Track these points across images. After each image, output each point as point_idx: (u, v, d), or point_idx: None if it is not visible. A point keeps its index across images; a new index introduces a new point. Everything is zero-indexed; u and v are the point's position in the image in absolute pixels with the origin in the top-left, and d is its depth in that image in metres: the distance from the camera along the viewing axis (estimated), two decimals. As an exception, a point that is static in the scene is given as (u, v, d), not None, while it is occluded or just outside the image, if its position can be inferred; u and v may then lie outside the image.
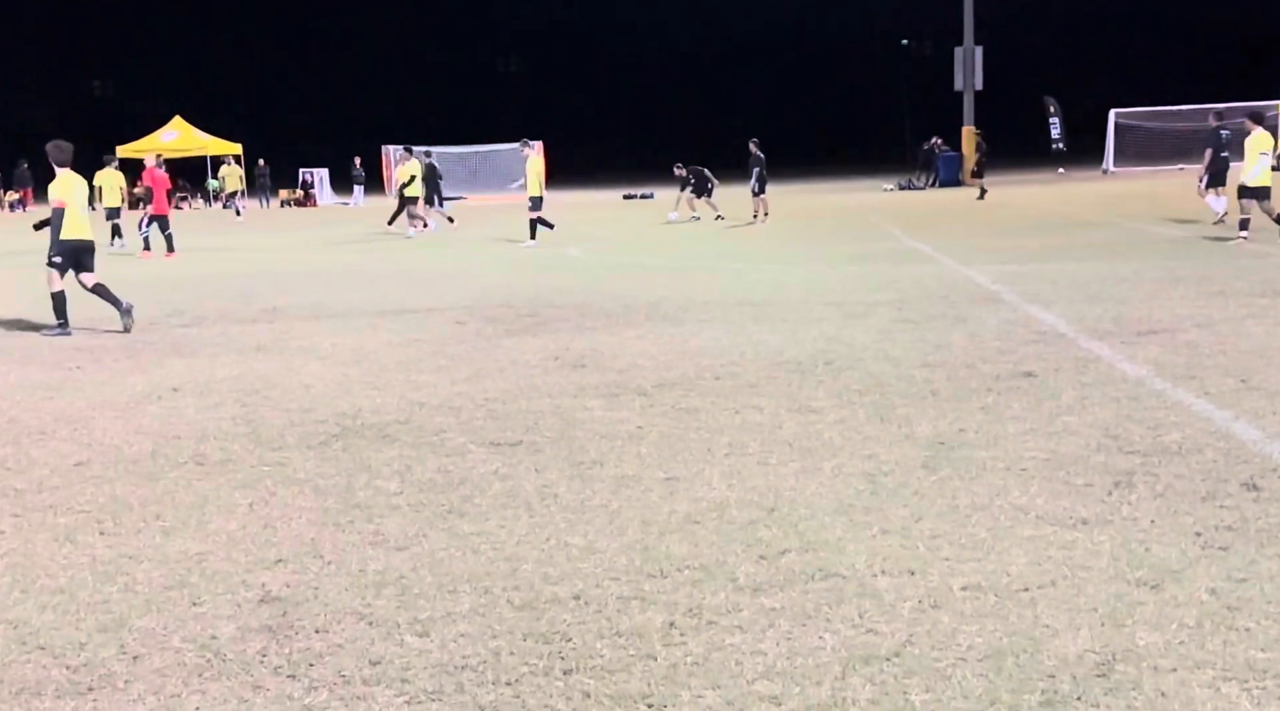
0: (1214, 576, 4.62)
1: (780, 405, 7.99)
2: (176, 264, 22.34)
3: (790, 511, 5.65)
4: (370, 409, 8.29)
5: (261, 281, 17.81)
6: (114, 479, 6.65)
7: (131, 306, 12.79)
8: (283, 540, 5.49)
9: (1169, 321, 10.93)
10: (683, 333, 11.33)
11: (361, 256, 22.52)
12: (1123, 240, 20.26)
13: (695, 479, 6.28)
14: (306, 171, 56.11)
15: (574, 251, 22.02)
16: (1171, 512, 5.43)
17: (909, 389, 8.38)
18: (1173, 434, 6.83)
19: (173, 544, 5.48)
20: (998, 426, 7.16)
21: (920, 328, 11.12)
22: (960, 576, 4.71)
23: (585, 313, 12.95)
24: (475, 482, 6.34)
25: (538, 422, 7.71)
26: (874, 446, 6.81)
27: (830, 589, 4.64)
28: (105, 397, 9.02)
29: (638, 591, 4.69)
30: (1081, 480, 5.99)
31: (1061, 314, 11.62)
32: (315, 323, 12.95)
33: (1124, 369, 8.78)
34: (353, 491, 6.26)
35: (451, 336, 11.61)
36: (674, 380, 8.98)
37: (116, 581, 5.00)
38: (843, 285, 14.91)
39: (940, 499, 5.76)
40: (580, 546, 5.26)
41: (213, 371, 10.02)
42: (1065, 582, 4.61)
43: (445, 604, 4.63)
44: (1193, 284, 13.61)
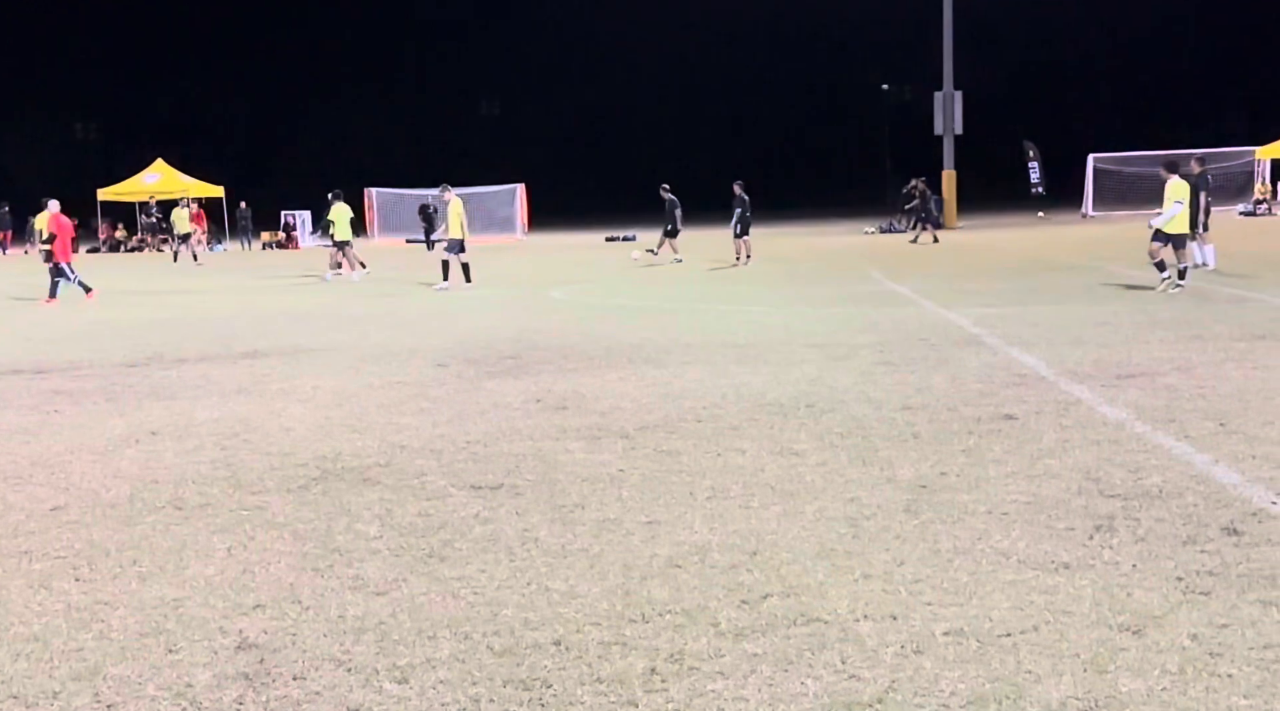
0: (1196, 622, 4.61)
1: (762, 448, 7.99)
2: (155, 305, 22.25)
3: (772, 555, 5.63)
4: (351, 452, 8.25)
5: (242, 323, 17.77)
6: (91, 524, 6.59)
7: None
8: (261, 585, 5.44)
9: (1148, 365, 10.98)
10: (665, 375, 11.33)
11: (342, 298, 22.49)
12: (1102, 284, 20.38)
13: (677, 522, 6.26)
14: (288, 213, 56.08)
15: (556, 294, 22.04)
16: (1153, 557, 5.43)
17: (891, 431, 8.38)
18: (1153, 477, 6.84)
19: (149, 589, 5.43)
20: (979, 469, 7.16)
21: (902, 370, 11.15)
22: (942, 621, 4.70)
23: (567, 355, 12.94)
24: (456, 526, 6.31)
25: (519, 465, 7.68)
26: (856, 489, 6.81)
27: (812, 634, 4.61)
28: (83, 441, 8.96)
29: (619, 636, 4.66)
30: (1063, 524, 5.98)
31: (1042, 357, 11.66)
32: (296, 365, 12.91)
33: (1104, 412, 8.81)
34: (332, 535, 6.22)
35: (433, 379, 11.59)
36: (656, 422, 8.97)
37: (91, 628, 4.95)
38: (824, 327, 14.95)
39: (922, 543, 5.75)
40: (561, 591, 5.23)
41: (192, 414, 9.97)
42: (1047, 628, 4.60)
43: (425, 650, 4.59)
44: (1171, 327, 13.69)
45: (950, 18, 49.84)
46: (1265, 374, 10.20)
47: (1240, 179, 52.95)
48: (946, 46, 50.08)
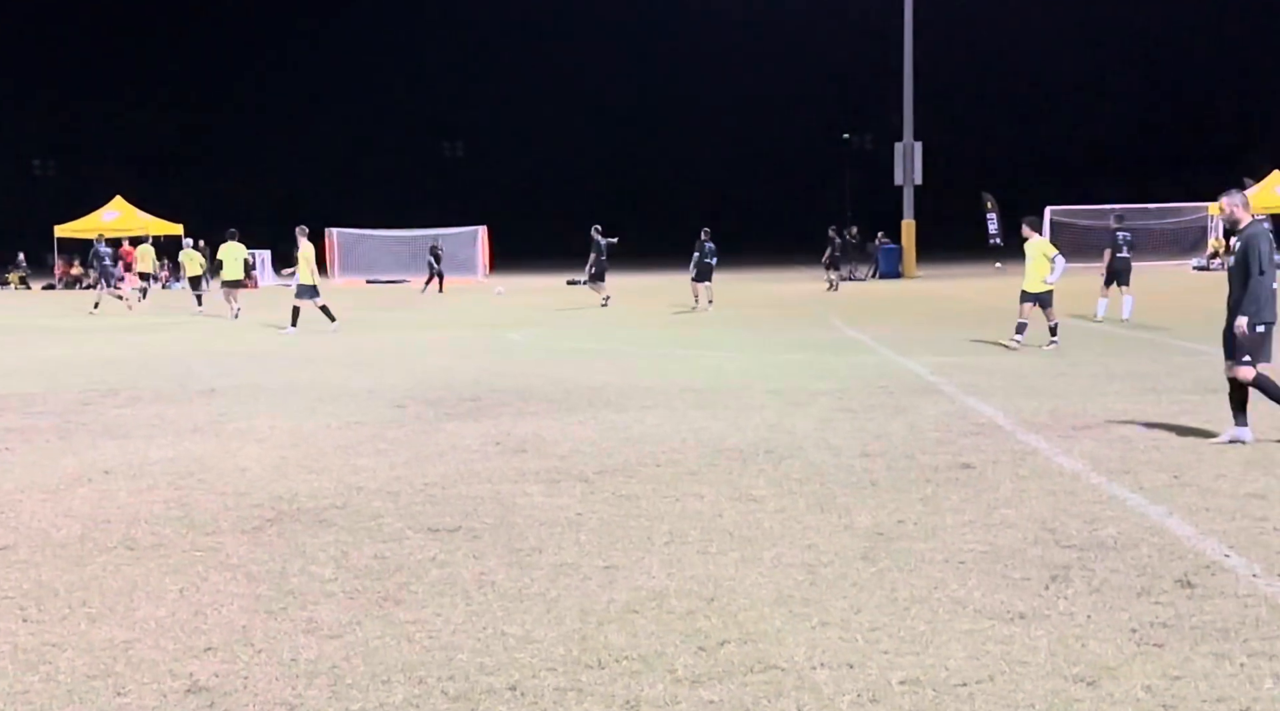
0: (1149, 673, 4.64)
1: (721, 493, 7.99)
2: (112, 342, 22.05)
3: (730, 601, 5.62)
4: (307, 493, 8.19)
5: (198, 362, 17.63)
6: (40, 563, 6.49)
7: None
8: (213, 627, 5.38)
9: (1104, 416, 11.08)
10: (625, 419, 11.32)
11: (300, 337, 22.37)
12: (1060, 335, 20.55)
13: (635, 567, 6.24)
14: (249, 252, 55.81)
15: (516, 336, 22.02)
16: (1107, 608, 5.46)
17: (849, 478, 8.40)
18: (1108, 528, 6.88)
19: (98, 631, 5.35)
20: (936, 518, 7.19)
21: (860, 417, 11.19)
22: (899, 670, 4.70)
23: (527, 397, 12.92)
24: (412, 569, 6.26)
25: (476, 508, 7.64)
26: (814, 536, 6.81)
27: (769, 681, 4.60)
28: (34, 479, 8.84)
29: (575, 682, 4.63)
30: (1019, 573, 6.01)
31: (999, 406, 11.74)
32: (253, 404, 12.81)
33: (1060, 462, 8.87)
34: (286, 577, 6.15)
35: (391, 420, 11.52)
36: (615, 466, 8.95)
37: (38, 670, 4.87)
38: (784, 373, 15.00)
39: (879, 591, 5.76)
40: (517, 635, 5.19)
41: (146, 453, 9.86)
42: (1003, 678, 4.61)
43: (378, 694, 4.55)
44: (1127, 380, 13.83)
45: (910, 69, 50.48)
46: (1218, 427, 10.30)
47: (1194, 234, 53.74)
48: (907, 97, 50.68)
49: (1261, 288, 9.47)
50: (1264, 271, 9.44)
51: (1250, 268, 9.48)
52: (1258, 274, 9.45)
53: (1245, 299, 9.49)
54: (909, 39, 50.29)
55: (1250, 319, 9.45)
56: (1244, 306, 9.49)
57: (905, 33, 50.30)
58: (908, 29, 50.16)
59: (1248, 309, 9.47)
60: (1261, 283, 9.46)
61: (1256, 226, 9.72)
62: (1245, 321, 9.45)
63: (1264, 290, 9.47)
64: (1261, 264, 9.47)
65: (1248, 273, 9.50)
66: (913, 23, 50.16)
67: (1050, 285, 17.91)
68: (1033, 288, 17.95)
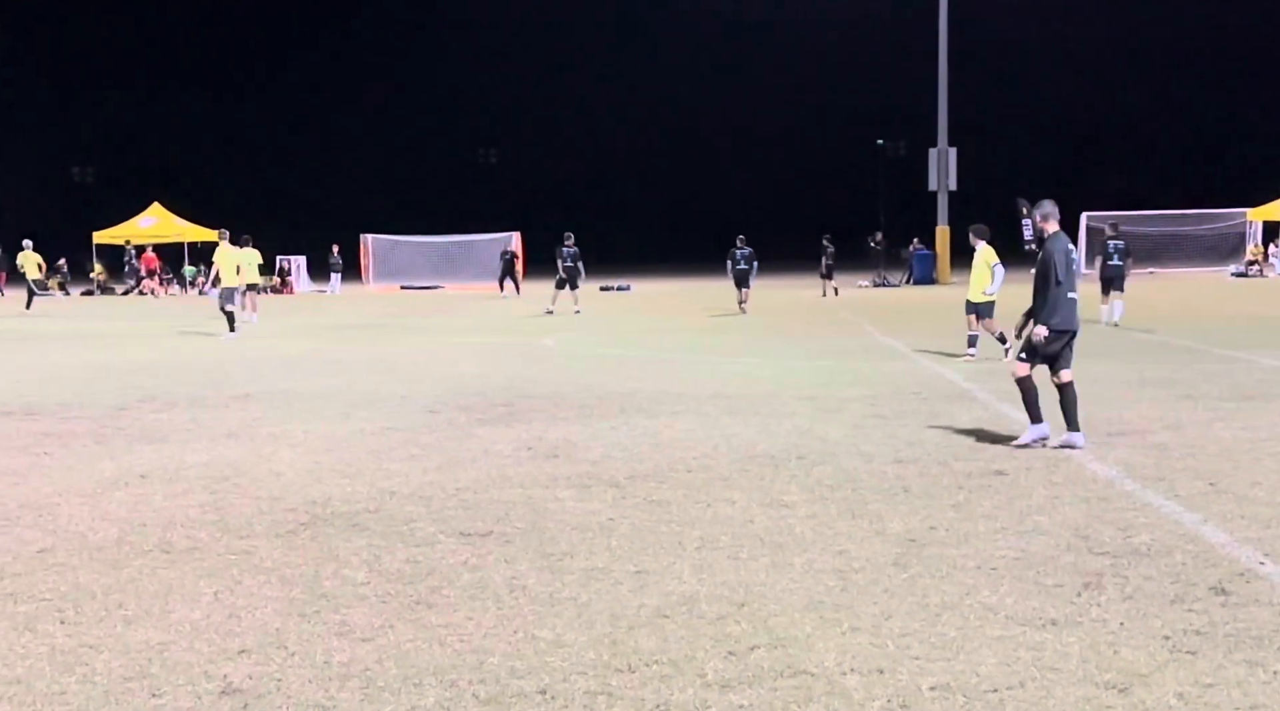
0: (1182, 681, 4.61)
1: (752, 499, 7.99)
2: (148, 350, 22.24)
3: (760, 607, 5.63)
4: (340, 497, 8.24)
5: (234, 367, 17.76)
6: (77, 566, 6.57)
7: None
8: (247, 630, 5.43)
9: (1138, 423, 11.01)
10: (656, 425, 11.33)
11: (335, 343, 22.50)
12: (1093, 341, 20.43)
13: (665, 572, 6.25)
14: (284, 258, 56.20)
15: (549, 342, 22.07)
16: (1140, 615, 5.43)
17: (881, 485, 8.39)
18: (1142, 535, 6.85)
19: (134, 633, 5.41)
20: (969, 524, 7.17)
21: (892, 424, 11.16)
22: (929, 676, 4.69)
23: (559, 403, 12.95)
24: (444, 573, 6.30)
25: (508, 513, 7.68)
26: (845, 542, 6.81)
27: (799, 686, 4.60)
28: (72, 484, 8.94)
29: (605, 686, 4.65)
30: (1051, 580, 5.99)
31: (1033, 413, 11.65)
32: (287, 409, 12.90)
33: (1094, 469, 8.83)
34: (320, 581, 6.20)
35: (424, 425, 11.58)
36: (646, 472, 8.97)
37: (75, 672, 4.93)
38: (816, 380, 14.97)
39: (910, 597, 5.75)
40: (548, 639, 5.21)
41: (182, 458, 9.95)
42: (1034, 684, 4.59)
43: (410, 697, 4.58)
44: (1161, 386, 13.73)
45: (945, 74, 50.29)
46: (1253, 434, 10.23)
47: (1233, 240, 53.28)
48: (941, 103, 50.48)
49: (1060, 297, 9.79)
50: (1062, 281, 9.80)
51: (1050, 278, 9.82)
52: (1055, 284, 9.79)
53: (1045, 308, 9.81)
54: (944, 44, 50.09)
55: (1051, 327, 9.76)
56: (1043, 315, 9.81)
57: (940, 37, 50.11)
58: (942, 34, 49.97)
59: (1048, 318, 9.78)
60: (1058, 293, 9.79)
61: (1057, 239, 10.07)
62: (1044, 331, 9.77)
63: (1063, 300, 9.81)
64: (1059, 274, 9.78)
65: (1048, 283, 9.83)
66: (947, 27, 49.96)
67: (990, 296, 17.60)
68: (974, 297, 17.71)
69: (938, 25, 50.08)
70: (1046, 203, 10.36)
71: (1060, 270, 9.79)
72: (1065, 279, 9.81)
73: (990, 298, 17.61)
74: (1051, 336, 9.80)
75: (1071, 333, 9.96)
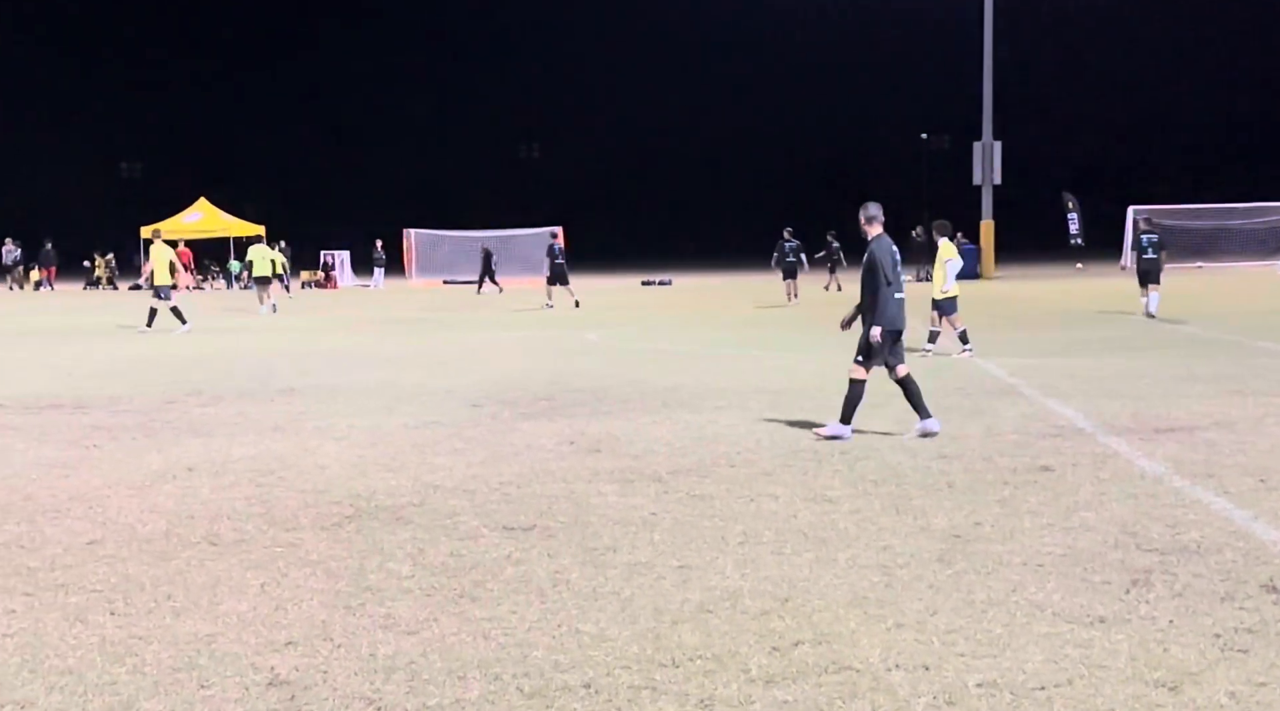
0: (1233, 679, 4.56)
1: (795, 494, 7.97)
2: (196, 342, 22.46)
3: (804, 602, 5.61)
4: (385, 491, 8.29)
5: (280, 361, 17.89)
6: (126, 558, 6.64)
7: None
8: (293, 622, 5.47)
9: (1187, 419, 10.89)
10: (699, 419, 11.32)
11: (379, 338, 22.62)
12: (1140, 336, 20.26)
13: (709, 567, 6.24)
14: (328, 253, 56.60)
15: (592, 336, 22.10)
16: (1190, 613, 5.37)
17: (925, 480, 8.34)
18: (1191, 532, 6.77)
19: (183, 624, 5.46)
20: (1014, 520, 7.12)
21: (936, 419, 11.08)
22: (975, 673, 4.66)
23: (601, 397, 12.96)
24: (487, 567, 6.32)
25: (551, 507, 7.69)
26: (889, 538, 6.77)
27: (843, 682, 4.59)
28: (121, 476, 9.03)
29: (649, 681, 4.65)
30: (1099, 577, 5.93)
31: (1080, 408, 11.58)
32: (332, 403, 12.98)
33: (1142, 465, 8.74)
34: (365, 574, 6.24)
35: (467, 419, 11.62)
36: (689, 467, 8.96)
37: (125, 662, 4.98)
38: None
39: (956, 593, 5.72)
40: (592, 634, 5.22)
41: (229, 451, 10.04)
42: (1082, 682, 4.55)
43: (454, 690, 4.60)
44: (1211, 382, 13.57)
45: (990, 67, 49.90)
46: (1306, 429, 10.09)
47: (1282, 234, 52.55)
48: (986, 96, 50.10)
49: (887, 298, 10.03)
50: (890, 282, 10.07)
51: (877, 279, 10.06)
52: (884, 285, 10.03)
53: (874, 309, 10.07)
54: (989, 36, 49.70)
55: (881, 328, 10.02)
56: (873, 317, 10.06)
57: (985, 30, 49.72)
58: (987, 26, 49.58)
59: (877, 319, 10.03)
60: (887, 293, 10.04)
61: (881, 241, 10.25)
62: (878, 331, 10.01)
63: (890, 300, 10.07)
64: (886, 275, 10.04)
65: (875, 284, 10.06)
66: (993, 20, 49.56)
67: (946, 292, 17.43)
68: (936, 295, 17.59)
69: (983, 17, 49.69)
70: (871, 205, 10.55)
71: (887, 271, 10.06)
72: (893, 280, 10.09)
73: (948, 294, 17.45)
74: (884, 337, 10.07)
75: (898, 331, 10.26)
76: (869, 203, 10.58)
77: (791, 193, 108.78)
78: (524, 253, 52.43)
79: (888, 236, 10.39)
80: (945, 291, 17.39)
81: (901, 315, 10.28)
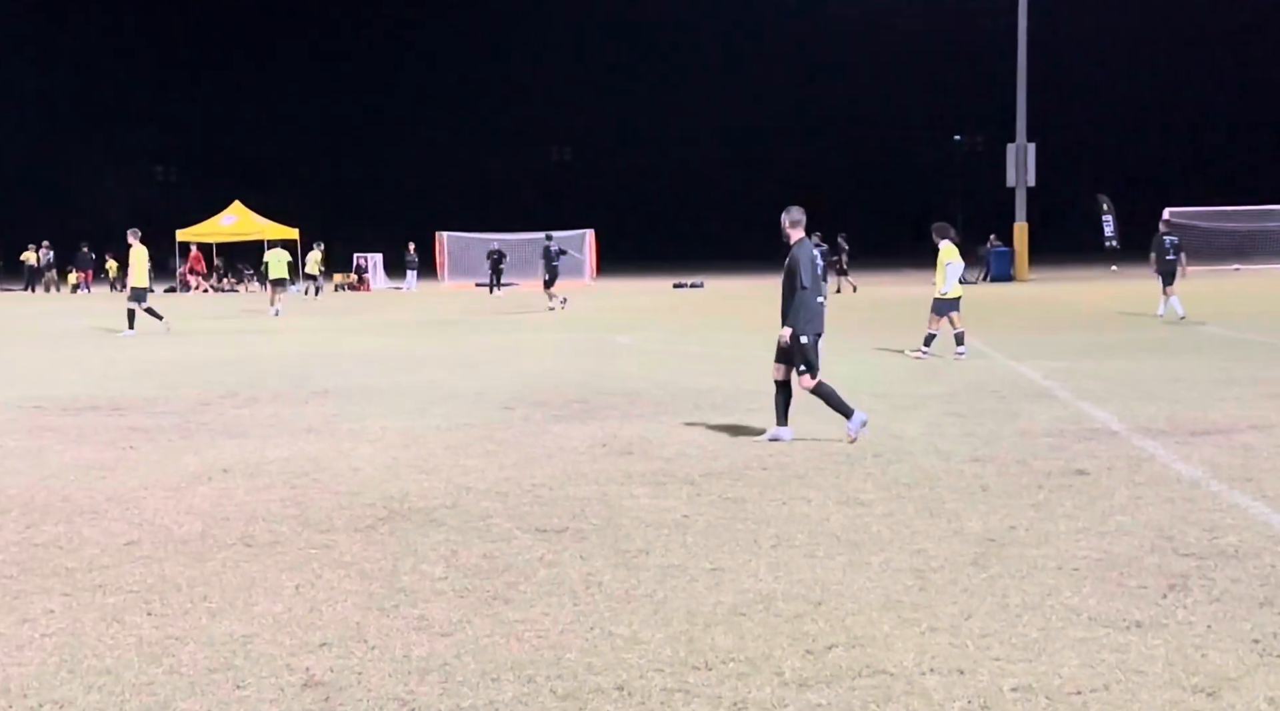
0: (1273, 685, 4.52)
1: (828, 497, 7.95)
2: (230, 344, 22.61)
3: (837, 605, 5.59)
4: (418, 493, 8.32)
5: (314, 363, 17.99)
6: (163, 559, 6.69)
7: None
8: (328, 623, 5.49)
9: (1224, 422, 10.79)
10: (731, 421, 11.31)
11: (412, 340, 22.71)
12: (1176, 338, 20.10)
13: (741, 570, 6.24)
14: (361, 256, 56.90)
15: (624, 339, 22.11)
16: (1228, 618, 5.32)
17: (958, 483, 8.31)
18: (1229, 537, 6.71)
19: (219, 625, 5.49)
20: (1049, 524, 7.08)
21: (970, 422, 11.05)
22: (1011, 677, 4.63)
23: (634, 400, 12.97)
24: (520, 569, 6.33)
25: (584, 509, 7.70)
26: (923, 541, 6.75)
27: (877, 686, 4.57)
28: (157, 478, 9.10)
29: (682, 684, 4.65)
30: (1135, 582, 5.89)
31: (1114, 411, 11.50)
32: (365, 405, 13.04)
33: (1179, 469, 8.67)
34: (398, 575, 6.26)
35: (499, 421, 11.65)
36: (721, 469, 8.95)
37: (162, 662, 5.02)
38: (892, 377, 14.86)
39: (990, 597, 5.69)
40: (625, 636, 5.22)
41: (263, 453, 10.10)
42: (1119, 687, 4.52)
43: (488, 692, 4.61)
44: (1248, 385, 13.45)
45: (1024, 68, 49.64)
46: (1345, 433, 9.99)
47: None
48: (1020, 97, 49.85)
49: (805, 302, 10.04)
50: (807, 286, 10.05)
51: (795, 283, 10.05)
52: (801, 288, 10.02)
53: (791, 312, 10.07)
54: (1023, 36, 49.44)
55: (796, 331, 10.04)
56: (790, 320, 10.08)
57: (1019, 31, 49.47)
58: (1022, 27, 49.33)
59: (794, 322, 10.04)
60: (805, 296, 10.03)
61: (802, 245, 10.20)
62: (789, 333, 10.06)
63: (809, 304, 10.07)
64: (804, 279, 10.02)
65: (794, 288, 10.06)
66: (1027, 19, 49.30)
67: (944, 294, 17.42)
68: (936, 295, 17.53)
69: (1017, 18, 49.44)
70: (794, 209, 10.48)
71: (805, 275, 10.04)
72: (811, 284, 10.08)
73: (945, 295, 17.45)
74: (808, 341, 10.10)
75: (818, 335, 10.27)
76: (792, 207, 10.49)
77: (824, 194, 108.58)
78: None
79: (810, 241, 10.39)
80: (944, 293, 17.38)
81: (821, 319, 10.28)
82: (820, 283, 10.23)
